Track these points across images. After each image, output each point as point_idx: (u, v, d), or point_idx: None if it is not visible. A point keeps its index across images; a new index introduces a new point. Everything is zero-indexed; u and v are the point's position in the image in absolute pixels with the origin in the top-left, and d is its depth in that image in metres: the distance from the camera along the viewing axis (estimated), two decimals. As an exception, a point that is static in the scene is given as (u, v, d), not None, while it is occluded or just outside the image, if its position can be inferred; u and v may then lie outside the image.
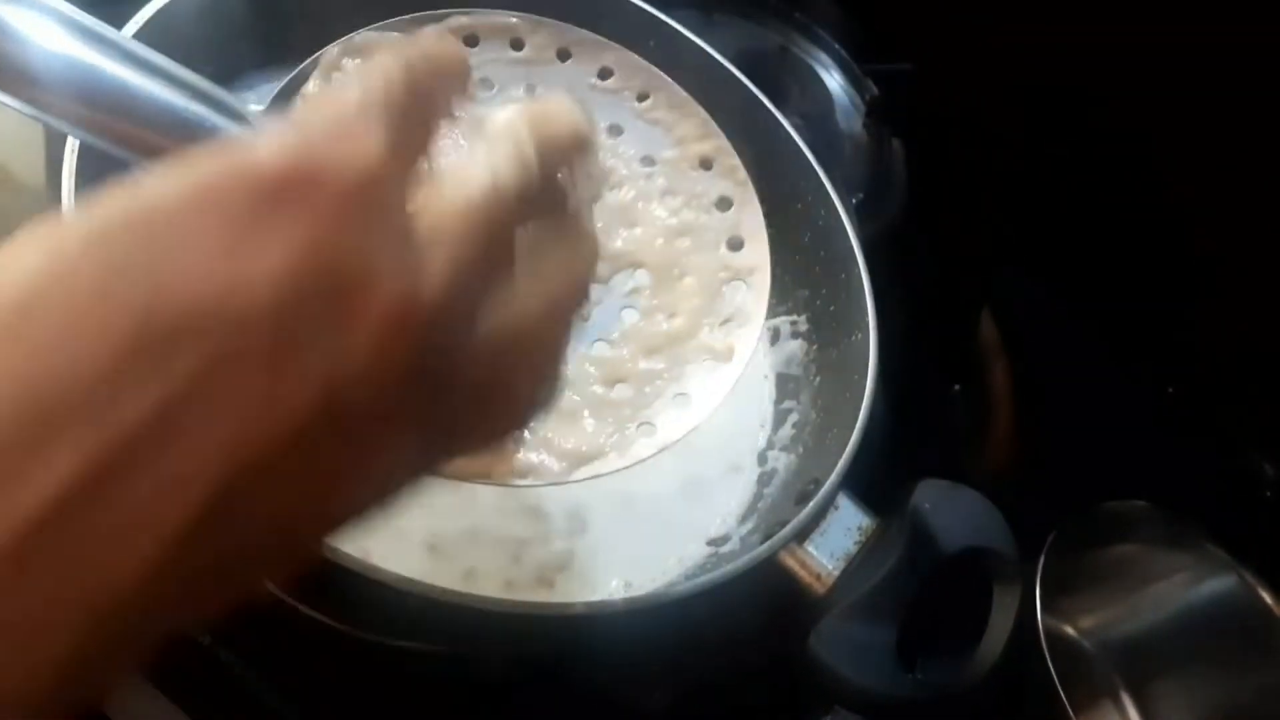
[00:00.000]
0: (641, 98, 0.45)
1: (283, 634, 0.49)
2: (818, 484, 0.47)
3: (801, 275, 0.58)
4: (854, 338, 0.52)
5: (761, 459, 0.54)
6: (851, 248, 0.54)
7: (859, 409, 0.48)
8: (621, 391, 0.42)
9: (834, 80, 0.73)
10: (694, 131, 0.45)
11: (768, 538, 0.45)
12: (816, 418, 0.54)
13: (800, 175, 0.56)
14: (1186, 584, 0.69)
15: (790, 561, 0.46)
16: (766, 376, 0.57)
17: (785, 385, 0.56)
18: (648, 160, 0.45)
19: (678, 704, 0.53)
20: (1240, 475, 0.80)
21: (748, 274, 0.45)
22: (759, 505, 0.52)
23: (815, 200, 0.56)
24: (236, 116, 0.33)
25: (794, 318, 0.57)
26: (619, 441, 0.42)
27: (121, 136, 0.32)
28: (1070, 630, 0.70)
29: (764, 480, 0.53)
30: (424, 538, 0.47)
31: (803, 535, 0.46)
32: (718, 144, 0.45)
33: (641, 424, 0.43)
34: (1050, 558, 0.61)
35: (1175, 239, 0.77)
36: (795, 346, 0.57)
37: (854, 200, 0.66)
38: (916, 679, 0.46)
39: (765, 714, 0.56)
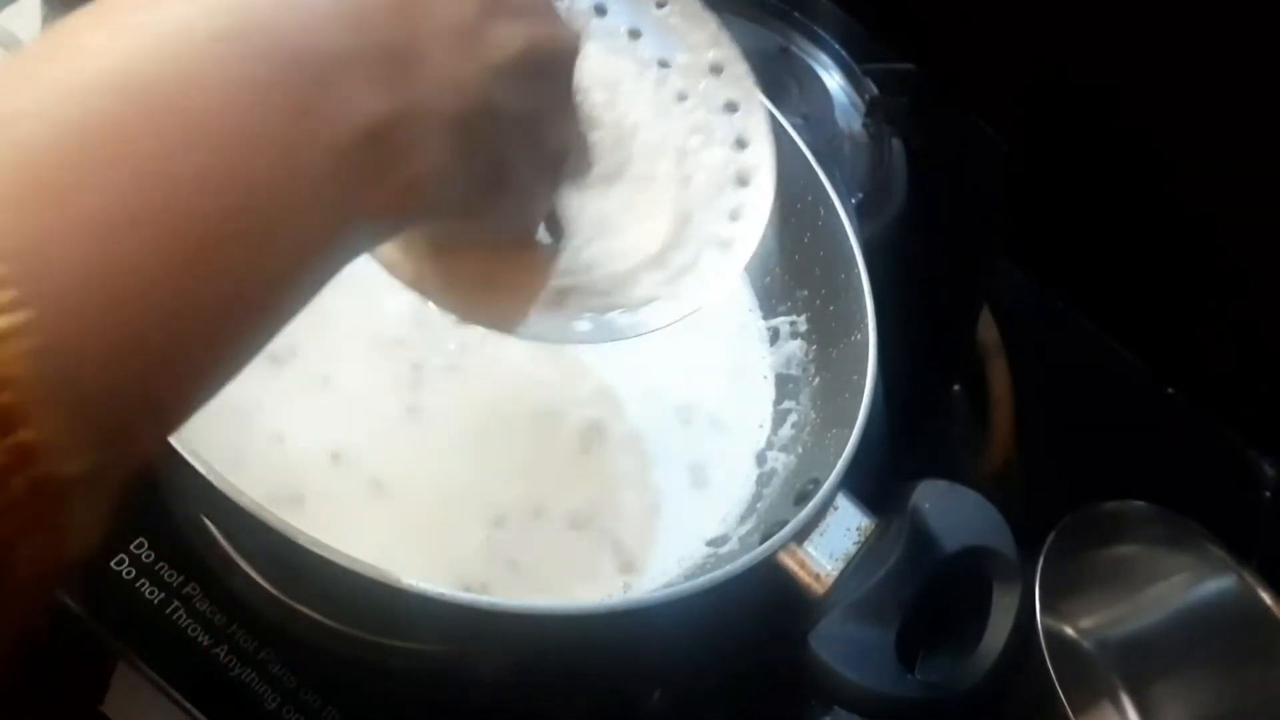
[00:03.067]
0: (660, 4, 0.46)
1: (282, 634, 0.49)
2: (817, 484, 0.47)
3: (801, 275, 0.58)
4: (854, 338, 0.52)
5: (761, 459, 0.54)
6: (851, 248, 0.54)
7: (859, 409, 0.48)
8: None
9: (834, 80, 0.73)
10: (705, 39, 0.46)
11: (767, 538, 0.45)
12: (816, 418, 0.54)
13: (800, 175, 0.56)
14: (1186, 584, 0.69)
15: (789, 562, 0.45)
16: (766, 377, 0.57)
17: (785, 385, 0.56)
18: (664, 63, 0.46)
19: (678, 704, 0.53)
20: (1240, 475, 0.80)
21: (753, 171, 0.46)
22: (758, 505, 0.52)
23: (815, 200, 0.56)
24: None
25: (794, 318, 0.57)
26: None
27: None
28: (1070, 630, 0.70)
29: (763, 480, 0.53)
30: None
31: (802, 535, 0.46)
32: (727, 52, 0.47)
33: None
34: (1050, 558, 0.61)
35: (1175, 239, 0.77)
36: (795, 346, 0.57)
37: (854, 200, 0.66)
38: (916, 679, 0.46)
39: (765, 714, 0.56)
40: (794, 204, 0.57)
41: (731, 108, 0.46)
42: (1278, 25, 0.65)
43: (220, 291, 0.24)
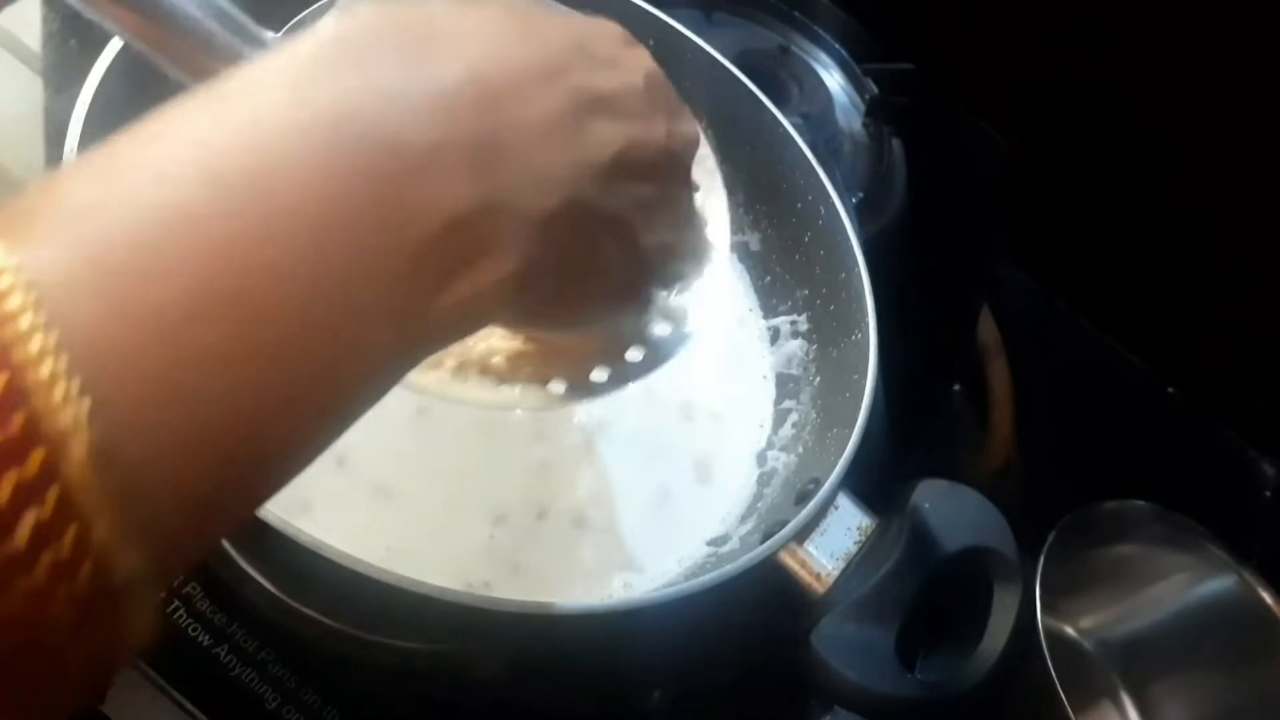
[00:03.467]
0: None
1: (282, 634, 0.49)
2: (817, 484, 0.47)
3: (801, 275, 0.58)
4: (854, 337, 0.52)
5: (761, 459, 0.54)
6: (851, 248, 0.54)
7: (859, 409, 0.48)
8: None
9: (834, 80, 0.73)
10: None
11: (767, 537, 0.45)
12: (816, 418, 0.54)
13: (800, 175, 0.56)
14: (1186, 584, 0.69)
15: (790, 561, 0.45)
16: (766, 376, 0.57)
17: (785, 385, 0.56)
18: None
19: (678, 704, 0.53)
20: (1240, 475, 0.80)
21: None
22: (759, 505, 0.52)
23: (815, 200, 0.56)
24: (254, 41, 0.34)
25: (794, 318, 0.57)
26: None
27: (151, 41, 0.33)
28: (1070, 630, 0.70)
29: (764, 480, 0.53)
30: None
31: (802, 535, 0.46)
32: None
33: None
34: (1050, 558, 0.61)
35: (1176, 240, 0.77)
36: (795, 346, 0.57)
37: (854, 200, 0.66)
38: (916, 679, 0.46)
39: (765, 714, 0.56)
40: (794, 204, 0.57)
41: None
42: (1278, 25, 0.65)
43: (287, 391, 0.23)
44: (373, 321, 0.25)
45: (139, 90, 0.42)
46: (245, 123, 0.24)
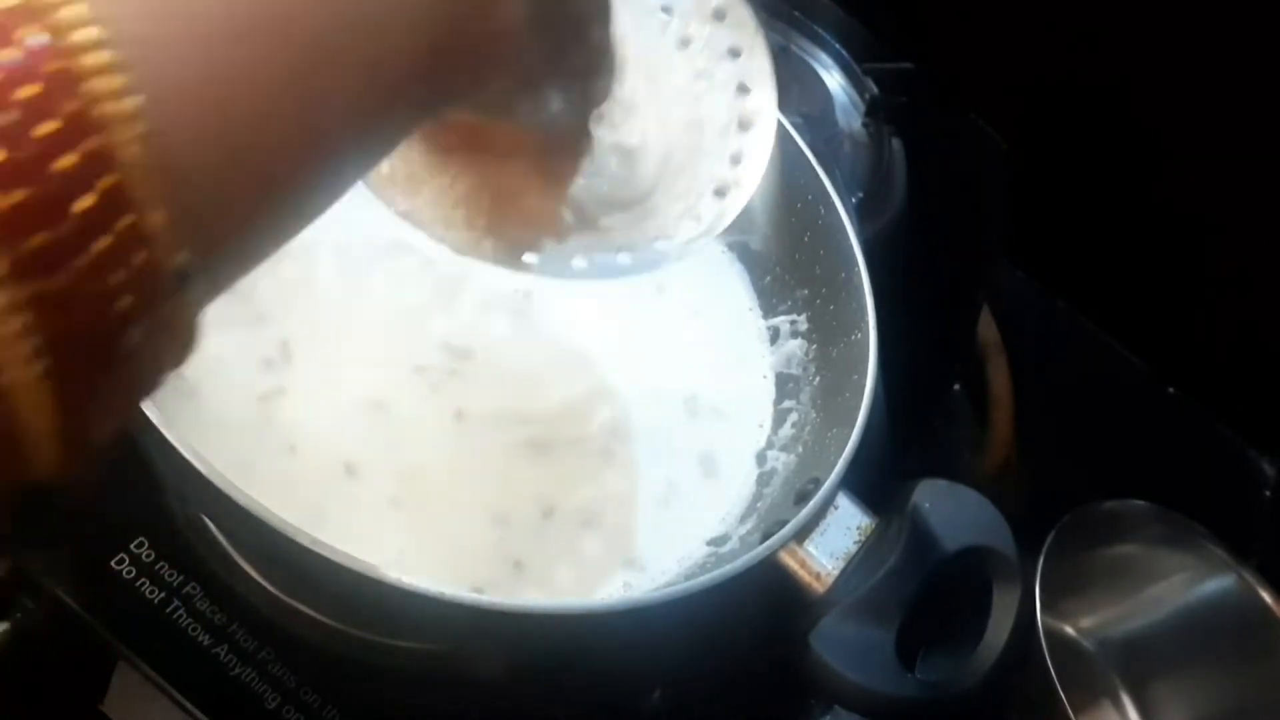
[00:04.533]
0: None
1: (282, 634, 0.49)
2: (817, 483, 0.47)
3: (801, 275, 0.58)
4: (854, 337, 0.52)
5: (761, 459, 0.54)
6: (851, 248, 0.54)
7: (859, 409, 0.48)
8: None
9: (834, 80, 0.73)
10: None
11: (767, 537, 0.45)
12: (816, 417, 0.54)
13: (800, 175, 0.56)
14: (1186, 584, 0.69)
15: (790, 561, 0.45)
16: (766, 376, 0.57)
17: (785, 385, 0.56)
18: (666, 9, 0.46)
19: (678, 704, 0.53)
20: (1240, 475, 0.80)
21: (754, 115, 0.46)
22: (758, 505, 0.52)
23: (815, 200, 0.56)
24: None
25: (794, 317, 0.57)
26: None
27: None
28: (1070, 630, 0.70)
29: (764, 480, 0.53)
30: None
31: (802, 535, 0.46)
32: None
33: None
34: (1050, 558, 0.61)
35: (1176, 239, 0.77)
36: (795, 346, 0.57)
37: (854, 200, 0.66)
38: (916, 679, 0.46)
39: (765, 714, 0.56)
40: (794, 204, 0.57)
41: (734, 53, 0.46)
42: (1278, 25, 0.65)
43: (320, 111, 0.25)
44: (398, 52, 0.27)
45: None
46: None
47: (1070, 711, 0.56)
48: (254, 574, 0.49)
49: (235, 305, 0.48)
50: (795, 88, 0.71)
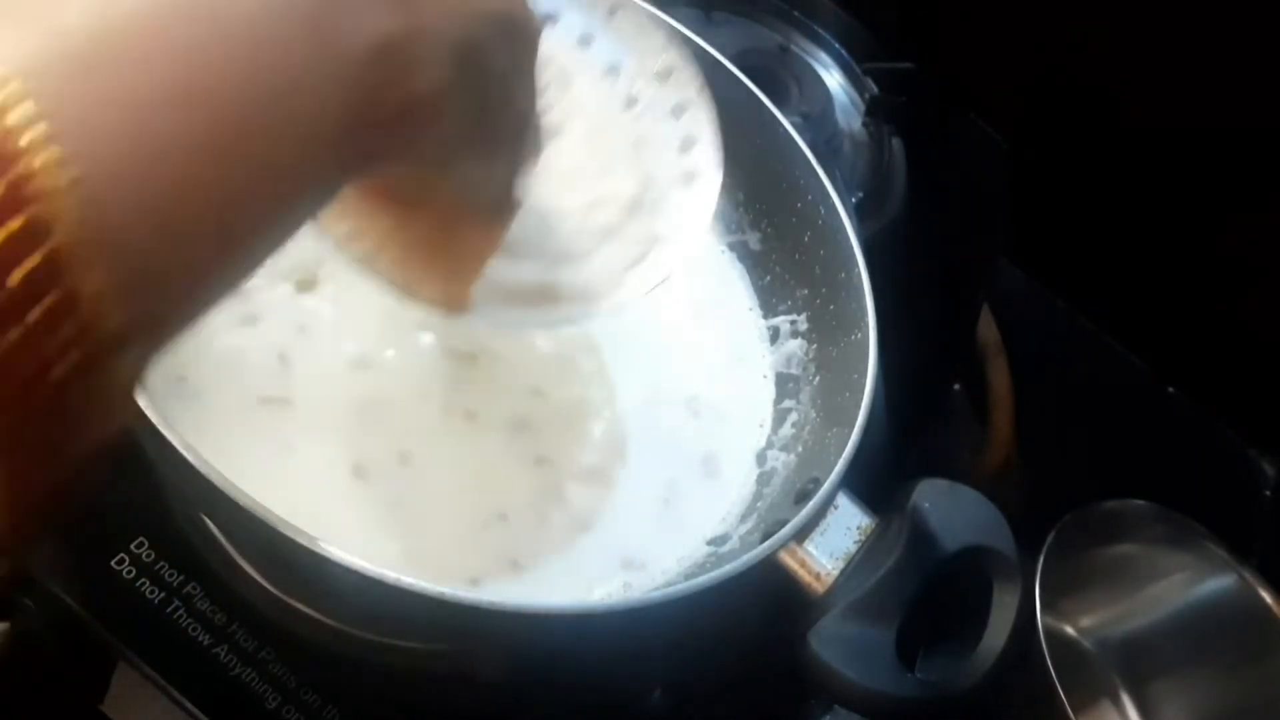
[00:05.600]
0: (611, 11, 0.47)
1: (282, 634, 0.49)
2: (817, 483, 0.47)
3: (801, 275, 0.58)
4: (854, 337, 0.52)
5: (761, 459, 0.54)
6: (851, 248, 0.54)
7: (859, 408, 0.48)
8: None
9: (834, 80, 0.73)
10: (656, 46, 0.48)
11: (767, 537, 0.45)
12: (816, 417, 0.54)
13: (800, 175, 0.56)
14: (1186, 584, 0.69)
15: (790, 561, 0.45)
16: (766, 376, 0.57)
17: (785, 385, 0.56)
18: (613, 69, 0.47)
19: (678, 704, 0.53)
20: (1240, 475, 0.80)
21: (697, 173, 0.46)
22: (758, 505, 0.52)
23: (815, 200, 0.56)
24: None
25: (794, 317, 0.58)
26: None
27: None
28: (1070, 630, 0.70)
29: (763, 480, 0.53)
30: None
31: (802, 535, 0.46)
32: (676, 58, 0.48)
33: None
34: (1050, 558, 0.61)
35: (1176, 240, 0.77)
36: (795, 346, 0.57)
37: (854, 200, 0.66)
38: (916, 679, 0.46)
39: (765, 714, 0.56)
40: (794, 204, 0.57)
41: (679, 111, 0.47)
42: (1278, 25, 0.65)
43: (245, 177, 0.26)
44: (317, 121, 0.28)
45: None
46: None
47: (1070, 711, 0.56)
48: (254, 574, 0.49)
49: (236, 305, 0.48)
50: (795, 88, 0.71)
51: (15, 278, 0.21)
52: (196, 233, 0.25)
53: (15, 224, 0.21)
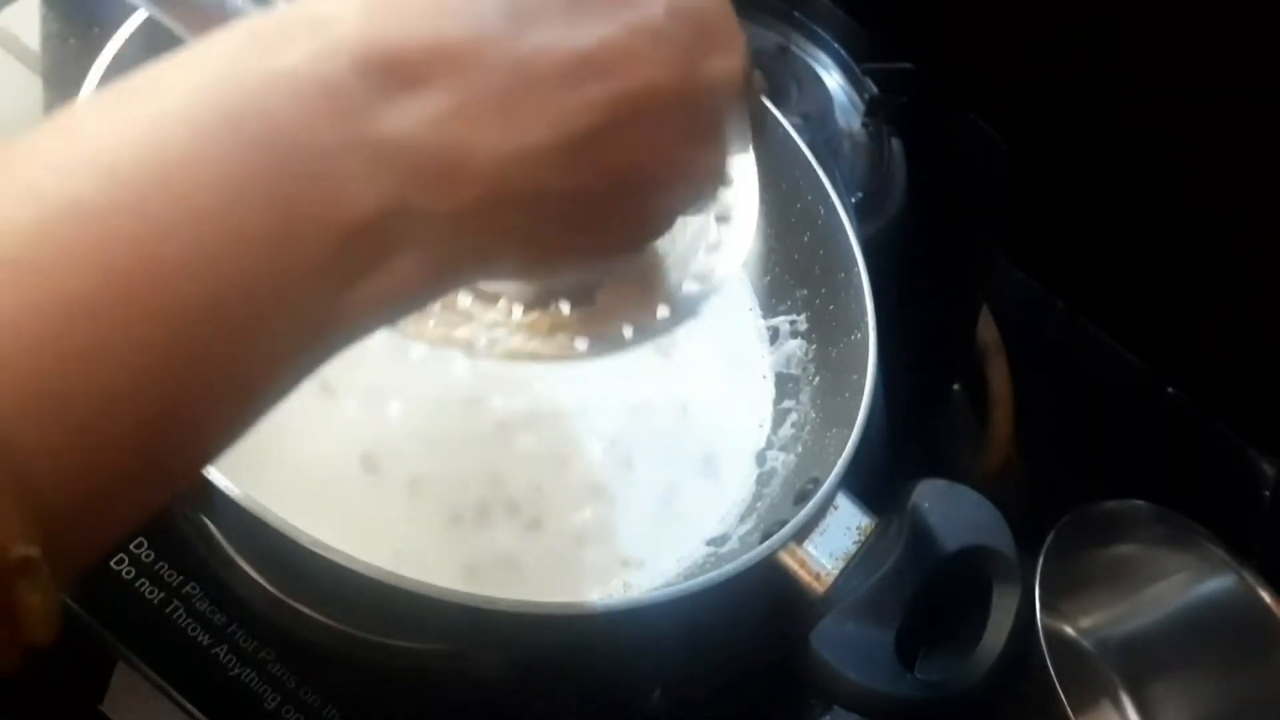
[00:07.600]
0: None
1: (282, 634, 0.49)
2: (817, 483, 0.47)
3: (801, 275, 0.58)
4: (853, 337, 0.52)
5: (761, 459, 0.54)
6: (851, 248, 0.54)
7: (858, 408, 0.48)
8: None
9: (834, 80, 0.73)
10: None
11: (767, 537, 0.45)
12: (816, 417, 0.54)
13: (800, 175, 0.56)
14: (1186, 584, 0.69)
15: (789, 561, 0.46)
16: (766, 376, 0.57)
17: (785, 385, 0.56)
18: None
19: (678, 704, 0.53)
20: (1240, 475, 0.80)
21: (732, 208, 0.45)
22: (758, 505, 0.52)
23: (815, 200, 0.56)
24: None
25: (794, 317, 0.58)
26: None
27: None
28: (1070, 630, 0.70)
29: (763, 480, 0.53)
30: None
31: (802, 535, 0.46)
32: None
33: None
34: (1050, 558, 0.61)
35: (1176, 240, 0.77)
36: (795, 346, 0.57)
37: (854, 200, 0.66)
38: (916, 679, 0.46)
39: (765, 714, 0.56)
40: (794, 204, 0.57)
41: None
42: (1278, 25, 0.65)
43: (189, 385, 0.23)
44: (276, 321, 0.24)
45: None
46: (146, 118, 0.23)
47: (1070, 711, 0.56)
48: (254, 574, 0.49)
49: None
50: (795, 88, 0.71)
51: None
52: (131, 447, 0.23)
53: None
